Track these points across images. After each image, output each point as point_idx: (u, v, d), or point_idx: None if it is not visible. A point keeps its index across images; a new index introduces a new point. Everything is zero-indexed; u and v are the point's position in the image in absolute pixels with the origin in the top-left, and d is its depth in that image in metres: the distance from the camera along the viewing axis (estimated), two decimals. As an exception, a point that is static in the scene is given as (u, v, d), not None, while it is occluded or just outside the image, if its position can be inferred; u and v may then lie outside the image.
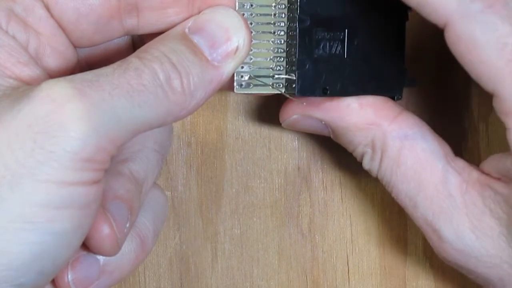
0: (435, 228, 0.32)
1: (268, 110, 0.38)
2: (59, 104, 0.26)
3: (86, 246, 0.31)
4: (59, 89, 0.26)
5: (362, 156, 0.34)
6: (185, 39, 0.30)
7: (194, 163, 0.39)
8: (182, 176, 0.39)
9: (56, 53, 0.31)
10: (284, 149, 0.39)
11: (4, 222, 0.25)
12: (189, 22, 0.31)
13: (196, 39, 0.30)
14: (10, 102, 0.26)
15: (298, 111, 0.34)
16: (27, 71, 0.29)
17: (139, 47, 0.30)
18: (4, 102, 0.27)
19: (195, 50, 0.30)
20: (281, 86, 0.33)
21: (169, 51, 0.29)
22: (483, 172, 0.33)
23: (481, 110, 0.39)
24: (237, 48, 0.30)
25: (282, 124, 0.35)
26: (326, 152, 0.39)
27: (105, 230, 0.30)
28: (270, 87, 0.33)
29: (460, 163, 0.33)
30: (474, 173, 0.32)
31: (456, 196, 0.32)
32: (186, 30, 0.30)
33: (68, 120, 0.26)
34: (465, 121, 0.39)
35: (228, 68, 0.30)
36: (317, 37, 0.32)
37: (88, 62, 0.33)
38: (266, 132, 0.39)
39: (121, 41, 0.34)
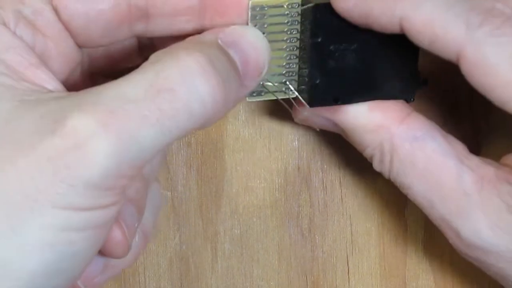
0: (453, 227, 0.32)
1: (268, 110, 0.38)
2: (83, 142, 0.25)
3: None
4: (83, 126, 0.25)
5: (372, 158, 0.34)
6: (223, 49, 0.29)
7: (194, 163, 0.38)
8: (182, 176, 0.39)
9: (61, 56, 0.30)
10: (284, 149, 0.39)
11: (24, 244, 0.25)
12: (218, 33, 0.30)
13: (231, 53, 0.29)
14: (34, 122, 0.26)
15: (309, 109, 0.34)
16: (40, 74, 0.28)
17: (144, 44, 0.29)
18: (28, 119, 0.26)
19: (233, 63, 0.29)
20: (292, 92, 0.33)
21: (213, 56, 0.28)
22: (505, 165, 0.33)
23: (482, 110, 0.39)
24: (261, 69, 0.30)
25: (295, 120, 0.35)
26: (326, 152, 0.39)
27: (118, 237, 0.30)
28: (282, 94, 0.33)
29: (475, 160, 0.33)
30: (490, 169, 0.32)
31: (472, 194, 0.32)
32: (219, 41, 0.30)
33: (90, 157, 0.25)
34: (466, 121, 0.39)
35: (251, 87, 0.30)
36: (329, 48, 0.32)
37: (91, 58, 0.33)
38: (266, 132, 0.39)
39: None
